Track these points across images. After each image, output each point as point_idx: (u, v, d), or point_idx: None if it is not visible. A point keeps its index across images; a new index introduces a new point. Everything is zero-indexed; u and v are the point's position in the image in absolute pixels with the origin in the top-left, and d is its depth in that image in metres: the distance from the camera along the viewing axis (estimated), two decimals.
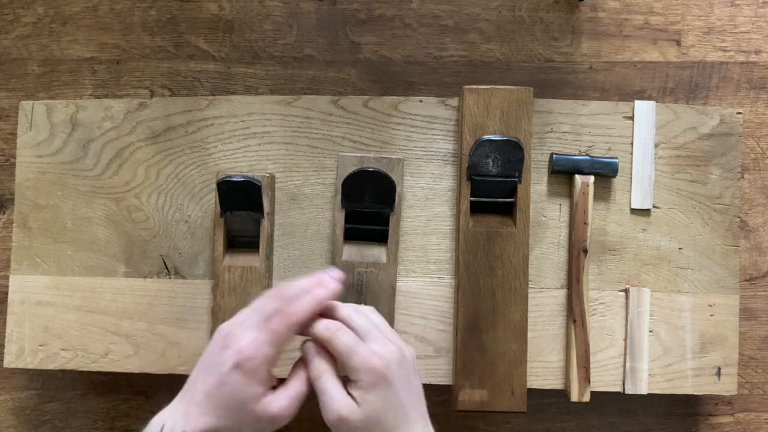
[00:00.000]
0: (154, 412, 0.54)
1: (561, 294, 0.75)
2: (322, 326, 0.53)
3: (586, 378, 0.72)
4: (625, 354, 0.74)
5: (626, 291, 0.74)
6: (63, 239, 0.77)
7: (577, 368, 0.72)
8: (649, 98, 0.87)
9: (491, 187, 0.72)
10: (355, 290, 0.72)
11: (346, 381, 0.53)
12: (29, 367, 0.76)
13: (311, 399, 0.55)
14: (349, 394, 0.52)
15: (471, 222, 0.72)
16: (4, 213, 0.90)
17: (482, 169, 0.72)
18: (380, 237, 0.74)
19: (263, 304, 0.52)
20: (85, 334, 0.76)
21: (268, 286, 0.74)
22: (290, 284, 0.54)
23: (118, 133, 0.77)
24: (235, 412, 0.50)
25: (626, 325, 0.74)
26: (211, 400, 0.50)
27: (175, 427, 0.50)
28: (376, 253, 0.73)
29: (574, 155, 0.74)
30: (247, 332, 0.51)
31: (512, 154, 0.71)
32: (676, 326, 0.74)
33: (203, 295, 0.76)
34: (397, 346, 0.53)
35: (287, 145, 0.76)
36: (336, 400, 0.51)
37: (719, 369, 0.74)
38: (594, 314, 0.74)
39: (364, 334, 0.53)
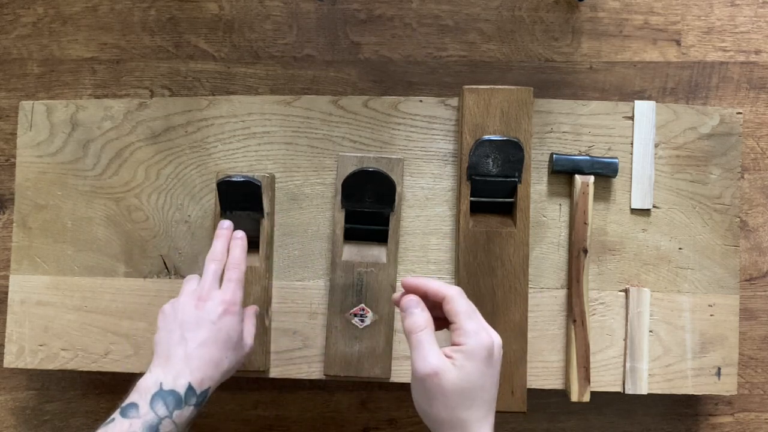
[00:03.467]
0: None
1: (561, 294, 0.75)
2: (442, 285, 0.53)
3: (586, 378, 0.72)
4: (625, 354, 0.74)
5: (626, 291, 0.74)
6: (63, 239, 0.77)
7: (577, 368, 0.72)
8: (649, 98, 0.87)
9: (491, 187, 0.72)
10: (355, 290, 0.72)
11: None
12: (29, 367, 0.76)
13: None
14: (446, 358, 0.51)
15: (471, 222, 0.72)
16: (4, 213, 0.90)
17: (482, 169, 0.72)
18: (380, 237, 0.74)
19: (208, 269, 0.63)
20: (85, 334, 0.76)
21: (269, 285, 0.74)
22: (213, 250, 0.65)
23: (118, 133, 0.77)
24: (232, 350, 0.60)
25: (626, 325, 0.74)
26: (210, 349, 0.58)
27: (178, 380, 0.56)
28: (376, 253, 0.73)
29: (574, 155, 0.74)
30: (213, 290, 0.62)
31: (512, 154, 0.71)
32: (676, 326, 0.74)
33: None
34: (499, 337, 0.53)
35: (287, 145, 0.76)
36: (433, 354, 0.50)
37: (719, 369, 0.74)
38: (594, 314, 0.74)
39: (475, 311, 0.53)
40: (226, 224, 0.67)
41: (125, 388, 0.87)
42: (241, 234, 0.67)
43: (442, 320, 0.53)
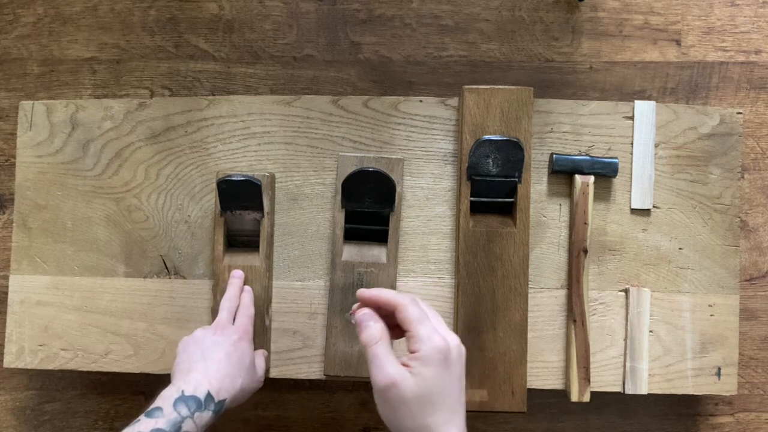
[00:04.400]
0: None
1: (561, 294, 0.75)
2: (394, 295, 0.54)
3: (586, 378, 0.72)
4: (625, 354, 0.74)
5: (626, 291, 0.74)
6: (63, 239, 0.77)
7: (577, 368, 0.72)
8: (649, 98, 0.87)
9: (491, 187, 0.72)
10: (355, 290, 0.72)
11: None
12: (29, 367, 0.76)
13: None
14: (403, 366, 0.51)
15: (471, 222, 0.72)
16: (4, 213, 0.90)
17: (482, 169, 0.72)
18: (380, 237, 0.74)
19: (224, 307, 0.70)
20: (85, 334, 0.76)
21: (269, 285, 0.74)
22: (227, 295, 0.71)
23: (118, 133, 0.77)
24: (245, 370, 0.66)
25: (626, 325, 0.74)
26: (227, 365, 0.64)
27: (198, 388, 0.61)
28: (376, 253, 0.73)
29: (574, 155, 0.74)
30: (228, 324, 0.69)
31: (512, 154, 0.71)
32: (676, 326, 0.74)
33: (203, 295, 0.76)
34: (456, 337, 0.53)
35: (287, 145, 0.76)
36: (390, 365, 0.51)
37: (719, 369, 0.74)
38: (594, 314, 0.74)
39: (426, 316, 0.53)
40: (239, 273, 0.73)
41: (125, 389, 0.88)
42: (248, 288, 0.73)
43: (400, 329, 0.53)
